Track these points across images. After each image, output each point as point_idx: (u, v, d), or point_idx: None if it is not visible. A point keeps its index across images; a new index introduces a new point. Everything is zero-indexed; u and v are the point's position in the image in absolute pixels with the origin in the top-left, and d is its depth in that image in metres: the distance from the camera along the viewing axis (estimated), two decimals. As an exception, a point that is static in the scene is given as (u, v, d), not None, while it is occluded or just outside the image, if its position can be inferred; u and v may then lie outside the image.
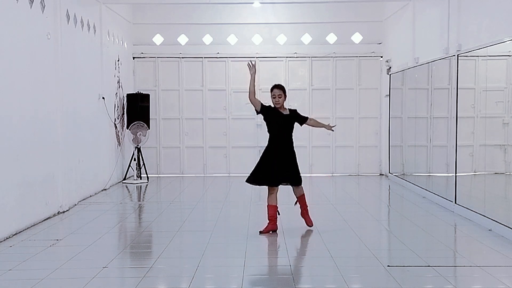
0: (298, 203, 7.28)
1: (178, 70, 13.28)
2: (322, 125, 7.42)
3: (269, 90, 7.08)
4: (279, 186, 7.06)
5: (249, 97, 7.08)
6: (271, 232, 6.96)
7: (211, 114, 13.34)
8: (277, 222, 7.05)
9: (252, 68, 7.12)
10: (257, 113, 7.10)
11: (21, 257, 5.82)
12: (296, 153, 7.11)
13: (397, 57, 11.93)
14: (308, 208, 7.27)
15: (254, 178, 7.03)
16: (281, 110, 7.03)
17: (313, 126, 7.47)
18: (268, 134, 7.09)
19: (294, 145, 7.09)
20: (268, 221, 7.02)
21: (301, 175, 7.20)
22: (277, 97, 6.97)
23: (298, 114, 7.17)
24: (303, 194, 7.25)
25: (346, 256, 5.90)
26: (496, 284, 4.93)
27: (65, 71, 8.68)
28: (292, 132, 7.08)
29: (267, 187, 7.06)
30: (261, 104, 7.05)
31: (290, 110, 7.12)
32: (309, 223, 7.23)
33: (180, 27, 13.28)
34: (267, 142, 7.08)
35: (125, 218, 8.38)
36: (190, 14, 13.12)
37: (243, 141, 13.33)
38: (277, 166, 6.92)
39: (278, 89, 7.01)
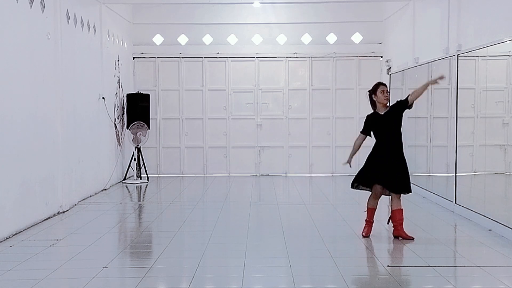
0: (390, 220, 6.60)
1: (178, 70, 13.28)
2: (426, 85, 6.50)
3: (372, 89, 6.60)
4: (382, 192, 6.62)
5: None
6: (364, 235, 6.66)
7: (211, 114, 13.34)
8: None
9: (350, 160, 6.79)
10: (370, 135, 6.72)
11: (21, 257, 5.82)
12: (405, 158, 6.54)
13: (397, 57, 11.92)
14: (403, 224, 6.52)
15: (353, 181, 6.70)
16: (381, 111, 6.57)
17: (420, 95, 6.47)
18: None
19: (403, 148, 6.56)
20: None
21: (410, 184, 6.52)
22: (385, 92, 6.51)
23: (399, 103, 6.52)
24: (401, 209, 6.49)
25: (346, 256, 5.90)
26: (496, 284, 4.93)
27: (65, 71, 8.68)
28: (396, 131, 6.51)
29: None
30: (364, 131, 6.73)
31: (391, 106, 6.57)
32: (407, 236, 6.48)
33: (180, 27, 13.28)
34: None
35: (125, 218, 8.38)
36: (190, 14, 13.12)
37: (243, 141, 13.32)
38: (376, 167, 6.53)
39: (384, 85, 6.60)
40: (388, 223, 6.73)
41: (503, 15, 7.18)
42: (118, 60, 12.00)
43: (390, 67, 12.46)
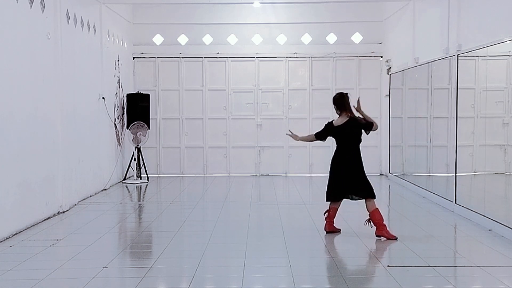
0: (371, 222, 6.68)
1: (178, 70, 13.28)
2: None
3: (348, 99, 7.12)
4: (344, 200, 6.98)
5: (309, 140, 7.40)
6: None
7: (211, 114, 13.34)
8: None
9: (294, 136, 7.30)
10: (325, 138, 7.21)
11: (21, 257, 5.82)
12: (360, 164, 6.83)
13: (397, 57, 11.93)
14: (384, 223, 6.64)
15: (328, 194, 6.98)
16: (344, 118, 6.99)
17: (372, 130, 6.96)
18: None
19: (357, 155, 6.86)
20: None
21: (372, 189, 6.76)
22: None
23: (364, 124, 6.94)
24: (377, 208, 6.69)
25: (346, 256, 5.90)
26: (496, 284, 4.93)
27: (65, 71, 8.68)
28: (357, 141, 6.92)
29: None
30: (318, 134, 7.25)
31: (353, 118, 6.93)
32: (390, 236, 6.54)
33: (180, 27, 13.29)
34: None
35: (125, 218, 8.38)
36: (190, 14, 13.12)
37: (243, 141, 13.33)
38: (343, 180, 6.87)
39: None
40: (365, 224, 6.73)
41: (503, 15, 7.18)
42: (118, 60, 12.00)
43: (390, 67, 12.47)
